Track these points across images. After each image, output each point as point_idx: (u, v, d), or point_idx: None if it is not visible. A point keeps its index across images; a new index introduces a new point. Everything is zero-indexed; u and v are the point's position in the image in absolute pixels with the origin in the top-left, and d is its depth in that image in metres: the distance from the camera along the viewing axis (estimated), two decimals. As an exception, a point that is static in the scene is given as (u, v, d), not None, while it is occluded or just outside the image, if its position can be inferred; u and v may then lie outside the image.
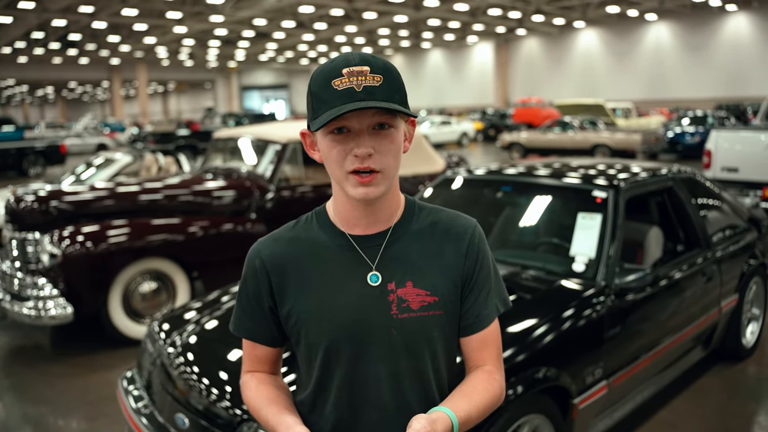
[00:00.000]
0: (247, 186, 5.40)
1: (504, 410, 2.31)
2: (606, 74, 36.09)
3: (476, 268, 1.27)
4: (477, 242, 1.28)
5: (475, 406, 1.19)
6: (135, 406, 2.70)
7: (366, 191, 1.13)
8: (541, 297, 2.86)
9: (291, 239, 1.27)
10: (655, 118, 24.06)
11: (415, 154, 6.56)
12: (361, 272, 1.21)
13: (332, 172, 1.16)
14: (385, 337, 1.19)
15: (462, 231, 1.28)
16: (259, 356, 1.31)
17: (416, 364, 1.21)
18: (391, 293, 1.20)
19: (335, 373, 1.22)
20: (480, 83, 42.17)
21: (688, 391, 3.78)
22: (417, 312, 1.20)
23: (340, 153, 1.13)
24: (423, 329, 1.21)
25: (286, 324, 1.25)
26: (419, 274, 1.22)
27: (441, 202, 3.99)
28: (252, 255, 1.27)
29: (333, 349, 1.20)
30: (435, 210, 1.31)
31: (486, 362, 1.29)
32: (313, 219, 1.28)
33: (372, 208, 1.20)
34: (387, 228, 1.24)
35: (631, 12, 31.59)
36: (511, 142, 19.88)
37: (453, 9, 29.37)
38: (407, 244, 1.24)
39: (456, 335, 1.29)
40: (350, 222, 1.23)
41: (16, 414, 3.89)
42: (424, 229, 1.26)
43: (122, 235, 4.63)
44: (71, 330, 5.04)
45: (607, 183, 3.30)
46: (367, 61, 1.12)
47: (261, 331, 1.28)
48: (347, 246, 1.22)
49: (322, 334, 1.20)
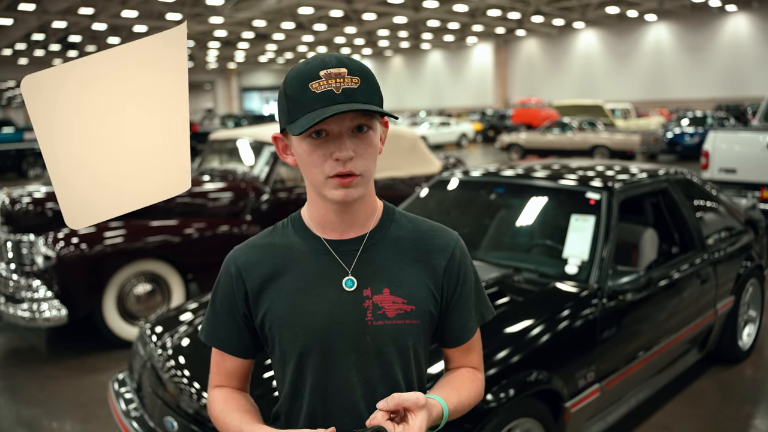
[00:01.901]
0: (243, 187, 5.39)
1: (494, 414, 2.30)
2: (605, 75, 36.08)
3: (459, 282, 1.26)
4: (459, 256, 1.26)
5: (461, 401, 1.22)
6: (125, 409, 2.69)
7: (346, 192, 1.11)
8: (533, 299, 2.85)
9: (266, 246, 1.25)
10: (655, 118, 24.04)
11: (412, 155, 6.56)
12: (337, 277, 1.19)
13: (310, 176, 1.14)
14: (359, 344, 1.18)
15: (444, 244, 1.26)
16: (228, 369, 1.28)
17: (389, 372, 1.20)
18: (367, 299, 1.18)
19: (308, 379, 1.20)
20: (479, 84, 42.16)
21: (683, 393, 3.76)
22: (393, 320, 1.18)
23: (320, 157, 1.10)
24: (398, 337, 1.19)
25: (261, 331, 1.23)
26: (396, 282, 1.20)
27: (435, 203, 3.98)
28: (228, 262, 1.26)
29: (306, 355, 1.19)
30: (416, 219, 1.29)
31: (470, 364, 1.33)
32: (288, 225, 1.26)
33: (348, 211, 1.19)
34: (363, 233, 1.22)
35: (631, 13, 31.59)
36: (510, 143, 19.88)
37: (452, 10, 29.37)
38: (385, 251, 1.22)
39: (429, 344, 1.28)
40: (326, 226, 1.21)
41: (10, 415, 3.88)
42: (403, 237, 1.24)
43: (117, 237, 4.61)
44: (66, 332, 5.03)
45: (600, 185, 3.29)
46: (343, 63, 1.09)
47: (232, 341, 1.26)
48: (323, 250, 1.21)
49: (296, 339, 1.18)
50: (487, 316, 1.33)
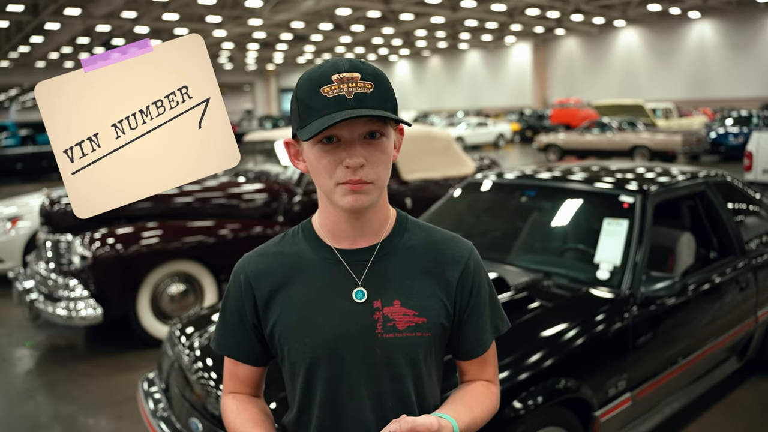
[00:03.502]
0: (276, 189, 5.43)
1: (521, 421, 2.25)
2: (647, 74, 35.35)
3: (472, 293, 1.22)
4: (473, 267, 1.23)
5: (474, 418, 1.18)
6: (153, 409, 2.72)
7: (355, 199, 1.08)
8: (563, 305, 2.78)
9: (276, 254, 1.23)
10: (698, 118, 23.46)
11: (445, 156, 6.52)
12: (346, 288, 1.16)
13: (320, 183, 1.12)
14: (368, 357, 1.15)
15: (458, 255, 1.22)
16: (240, 376, 1.27)
17: (399, 385, 1.17)
18: (377, 311, 1.15)
19: (317, 392, 1.18)
20: (518, 84, 41.74)
21: (720, 404, 3.64)
22: (403, 332, 1.15)
23: (330, 163, 1.08)
24: (408, 350, 1.16)
25: (271, 341, 1.21)
26: (408, 294, 1.16)
27: (466, 205, 3.94)
28: (237, 271, 1.24)
29: (314, 367, 1.17)
30: (430, 229, 1.25)
31: (484, 377, 1.29)
32: (299, 233, 1.24)
33: (360, 220, 1.16)
34: (375, 243, 1.19)
35: (674, 10, 30.88)
36: (547, 143, 19.62)
37: (490, 9, 29.15)
38: (396, 261, 1.18)
39: (442, 357, 1.26)
40: (337, 235, 1.19)
41: (48, 412, 3.97)
42: (415, 247, 1.21)
43: (151, 237, 4.69)
44: (103, 330, 5.13)
45: (634, 188, 3.20)
46: (357, 68, 1.06)
47: (243, 349, 1.24)
48: (333, 260, 1.18)
49: (304, 351, 1.16)
50: (501, 328, 1.29)
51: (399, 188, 5.93)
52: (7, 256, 6.59)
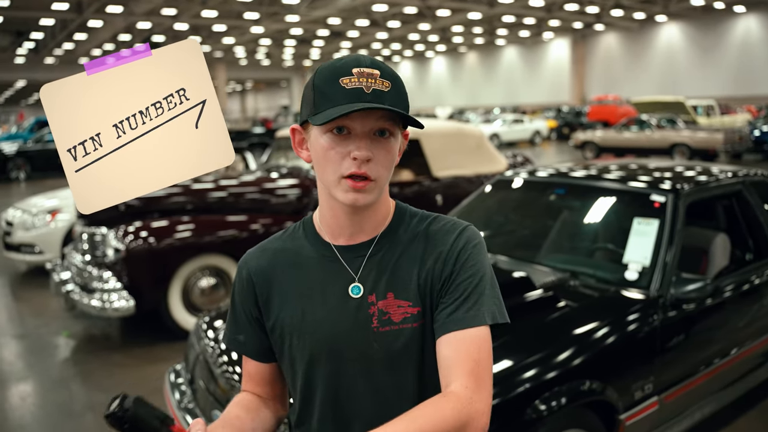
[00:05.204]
0: (307, 185, 5.46)
1: (543, 423, 2.22)
2: (688, 70, 34.54)
3: (455, 268, 1.14)
4: (462, 244, 1.16)
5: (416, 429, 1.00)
6: (178, 400, 2.76)
7: (356, 197, 1.09)
8: (589, 305, 2.74)
9: (276, 250, 1.24)
10: (742, 115, 22.84)
11: (477, 153, 6.47)
12: (343, 284, 1.16)
13: (324, 174, 1.11)
14: (367, 351, 1.15)
15: (448, 232, 1.18)
16: (251, 372, 1.28)
17: (399, 378, 1.16)
18: (372, 306, 1.15)
19: (318, 387, 1.18)
20: (555, 80, 41.22)
21: (755, 410, 3.54)
22: (399, 324, 1.14)
23: (338, 154, 1.08)
24: (406, 342, 1.14)
25: (272, 337, 1.22)
26: (401, 285, 1.15)
27: (495, 203, 3.90)
28: (240, 266, 1.26)
29: (314, 364, 1.17)
30: (429, 216, 1.23)
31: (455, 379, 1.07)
32: (299, 229, 1.25)
33: (359, 216, 1.16)
34: (372, 237, 1.19)
35: (718, 4, 30.12)
36: (584, 141, 19.35)
37: (528, 5, 28.81)
38: (391, 255, 1.18)
39: None
40: (335, 231, 1.19)
41: (82, 400, 4.07)
42: (411, 239, 1.19)
43: (184, 231, 4.76)
44: (137, 321, 5.23)
45: (666, 187, 3.13)
46: (377, 66, 1.08)
47: (251, 344, 1.25)
48: (331, 257, 1.19)
49: (303, 347, 1.17)
50: (497, 317, 1.13)
51: (430, 185, 5.91)
52: (46, 248, 6.78)
